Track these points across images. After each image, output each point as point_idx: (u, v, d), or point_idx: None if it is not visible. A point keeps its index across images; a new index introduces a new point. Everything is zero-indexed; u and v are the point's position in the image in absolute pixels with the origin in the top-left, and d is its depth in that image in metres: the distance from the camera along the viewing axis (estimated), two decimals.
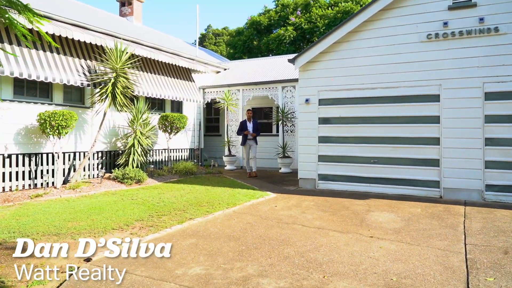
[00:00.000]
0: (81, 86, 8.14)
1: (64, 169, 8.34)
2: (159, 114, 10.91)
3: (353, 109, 8.19)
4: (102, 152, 9.35)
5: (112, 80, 8.23)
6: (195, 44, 14.77)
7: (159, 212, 5.93)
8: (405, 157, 7.69)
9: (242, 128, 10.37)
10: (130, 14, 15.30)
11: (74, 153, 8.65)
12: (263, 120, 13.44)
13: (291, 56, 11.40)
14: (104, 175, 8.97)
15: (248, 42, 23.96)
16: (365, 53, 8.04)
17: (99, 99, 8.42)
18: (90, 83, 8.34)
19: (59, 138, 7.65)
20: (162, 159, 11.19)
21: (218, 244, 4.37)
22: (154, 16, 69.30)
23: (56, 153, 7.87)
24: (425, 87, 7.49)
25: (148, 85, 10.12)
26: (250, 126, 10.34)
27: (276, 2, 24.08)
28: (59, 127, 7.41)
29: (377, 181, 7.94)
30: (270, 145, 12.65)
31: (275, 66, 13.56)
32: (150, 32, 14.12)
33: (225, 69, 14.62)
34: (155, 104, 11.24)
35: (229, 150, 12.38)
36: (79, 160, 8.70)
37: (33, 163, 7.74)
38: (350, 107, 8.22)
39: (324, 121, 8.50)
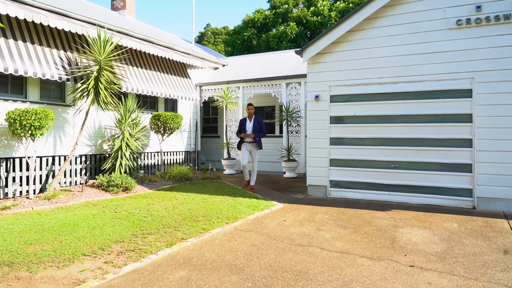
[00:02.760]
0: (59, 80, 7.11)
1: (41, 176, 7.31)
2: (151, 113, 9.89)
3: (370, 107, 7.19)
4: (86, 155, 8.32)
5: (95, 74, 7.20)
6: (191, 42, 13.73)
7: (145, 229, 4.90)
8: (431, 162, 6.69)
9: (241, 129, 8.12)
10: (122, 8, 14.27)
11: (53, 157, 7.61)
12: (265, 120, 12.44)
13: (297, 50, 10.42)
14: (87, 182, 7.95)
15: (247, 41, 22.92)
16: (384, 42, 7.05)
17: (80, 96, 7.38)
18: (70, 77, 7.31)
19: (33, 140, 6.62)
20: (154, 163, 10.16)
21: (216, 279, 3.35)
22: (149, 14, 68.26)
23: (29, 157, 6.84)
24: (455, 81, 6.50)
25: (138, 81, 9.09)
26: (249, 125, 7.97)
27: (271, 1, 23.05)
28: (32, 127, 6.38)
29: (399, 189, 6.94)
30: (273, 147, 11.66)
31: (278, 62, 12.56)
32: (142, 26, 13.10)
33: (223, 65, 13.61)
34: (147, 102, 10.22)
35: (228, 153, 11.37)
36: (59, 165, 7.67)
37: (3, 169, 6.70)
38: (366, 104, 7.22)
39: (336, 120, 7.50)
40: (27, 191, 6.98)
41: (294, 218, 5.68)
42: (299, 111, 10.44)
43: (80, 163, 8.17)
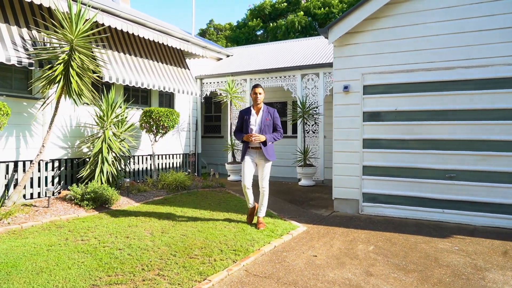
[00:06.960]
0: (18, 65, 5.57)
1: None
2: (142, 109, 8.34)
3: (417, 99, 5.60)
4: (60, 160, 6.78)
5: (64, 57, 5.65)
6: (191, 33, 12.16)
7: (114, 274, 3.34)
8: (501, 171, 5.09)
9: (242, 125, 5.03)
10: None
11: (15, 162, 6.08)
12: None
13: (310, 38, 8.82)
14: (60, 193, 6.43)
15: (252, 35, 21.36)
16: (436, 17, 5.46)
17: (46, 85, 5.83)
18: (33, 60, 5.77)
19: None
20: (146, 168, 8.61)
21: None
22: (148, 12, 66.92)
23: None
24: None
25: (125, 69, 7.54)
26: (257, 120, 4.96)
27: None
28: None
29: (456, 206, 5.35)
30: (286, 150, 10.08)
31: (290, 51, 10.97)
32: (136, 11, 11.53)
33: (228, 56, 12.04)
34: (138, 96, 8.67)
35: (233, 155, 9.80)
36: (24, 172, 6.14)
37: None
38: (412, 96, 5.64)
39: (371, 117, 5.92)
40: None
41: (327, 251, 4.10)
42: (317, 107, 8.85)
43: (53, 170, 6.63)
